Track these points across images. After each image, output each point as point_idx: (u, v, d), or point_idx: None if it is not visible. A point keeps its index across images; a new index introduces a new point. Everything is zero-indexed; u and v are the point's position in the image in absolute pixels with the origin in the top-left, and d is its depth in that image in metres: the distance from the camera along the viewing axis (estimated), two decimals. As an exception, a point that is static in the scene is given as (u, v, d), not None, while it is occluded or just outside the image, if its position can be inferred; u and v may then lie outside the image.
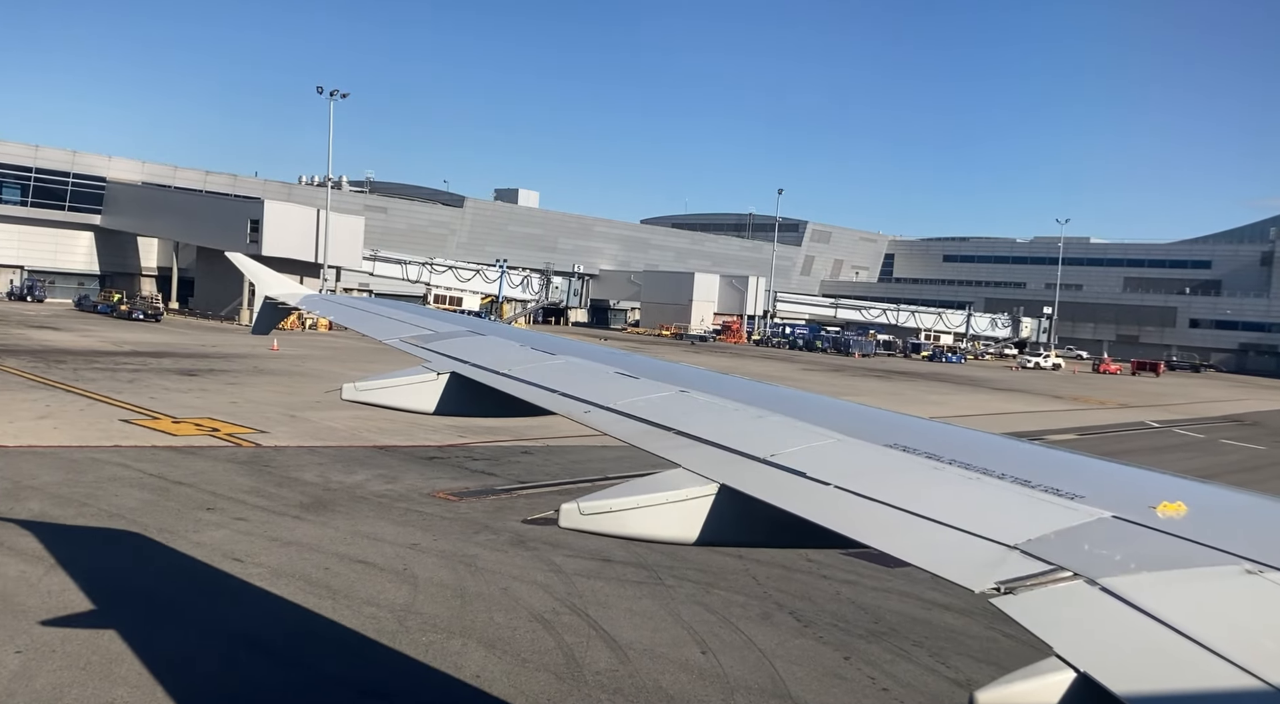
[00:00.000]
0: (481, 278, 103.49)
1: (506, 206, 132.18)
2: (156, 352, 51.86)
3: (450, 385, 6.08)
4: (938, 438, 4.34)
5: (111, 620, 12.62)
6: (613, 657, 12.50)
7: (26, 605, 12.97)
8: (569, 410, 5.26)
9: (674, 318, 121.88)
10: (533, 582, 15.39)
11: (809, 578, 16.64)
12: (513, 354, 6.63)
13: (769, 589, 15.82)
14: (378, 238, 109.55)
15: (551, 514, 3.85)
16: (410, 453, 26.68)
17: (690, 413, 4.92)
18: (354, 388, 6.01)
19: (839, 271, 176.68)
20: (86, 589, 13.77)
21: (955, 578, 2.91)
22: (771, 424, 4.65)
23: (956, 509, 3.35)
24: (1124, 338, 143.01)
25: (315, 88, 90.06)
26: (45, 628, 12.24)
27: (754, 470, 4.00)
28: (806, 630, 14.03)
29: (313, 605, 13.73)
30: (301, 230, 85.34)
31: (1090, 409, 57.73)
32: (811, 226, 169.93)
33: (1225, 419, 56.34)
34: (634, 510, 3.81)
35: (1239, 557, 2.73)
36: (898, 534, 3.31)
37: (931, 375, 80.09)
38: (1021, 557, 2.93)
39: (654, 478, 3.99)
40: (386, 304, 10.12)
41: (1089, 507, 3.23)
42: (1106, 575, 2.73)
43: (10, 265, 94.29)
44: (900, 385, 65.64)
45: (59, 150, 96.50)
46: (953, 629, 14.44)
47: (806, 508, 3.57)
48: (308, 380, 42.95)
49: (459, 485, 22.77)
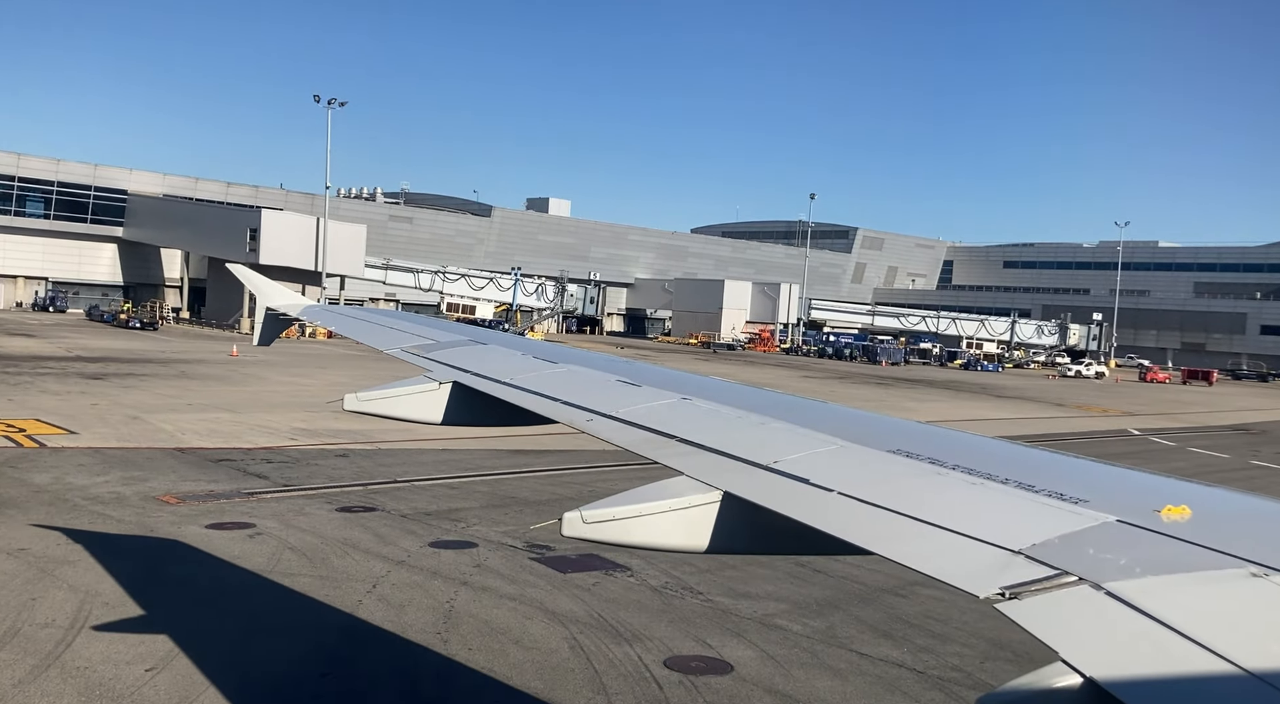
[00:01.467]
0: (495, 286, 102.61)
1: (535, 215, 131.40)
2: (103, 357, 52.13)
3: (452, 395, 6.10)
4: (940, 443, 4.33)
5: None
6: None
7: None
8: (571, 419, 5.28)
9: (705, 326, 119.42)
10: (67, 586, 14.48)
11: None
12: (514, 363, 6.66)
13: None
14: (402, 248, 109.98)
15: (555, 523, 3.83)
16: (207, 455, 26.09)
17: (692, 420, 4.92)
18: (356, 398, 6.08)
19: (894, 279, 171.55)
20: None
21: (960, 584, 2.90)
22: (774, 431, 4.65)
23: (960, 514, 3.34)
24: (1189, 346, 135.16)
25: (313, 96, 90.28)
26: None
27: (757, 477, 3.99)
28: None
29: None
30: (300, 239, 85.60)
31: (1081, 417, 54.48)
32: (863, 233, 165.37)
33: (1231, 429, 53.45)
34: (637, 518, 3.81)
35: (1244, 560, 2.73)
36: (901, 540, 3.30)
37: (945, 382, 77.07)
38: (1026, 561, 2.93)
39: (657, 486, 3.97)
40: (388, 314, 10.38)
41: (1093, 511, 3.23)
42: (1111, 580, 2.72)
43: (35, 277, 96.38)
44: (890, 392, 63.07)
45: (80, 164, 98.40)
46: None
47: (810, 515, 3.58)
48: (223, 385, 43.36)
49: (204, 489, 21.96)
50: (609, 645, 13.05)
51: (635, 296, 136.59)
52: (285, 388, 42.99)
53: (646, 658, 12.62)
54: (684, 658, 12.71)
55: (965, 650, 13.68)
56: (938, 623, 14.80)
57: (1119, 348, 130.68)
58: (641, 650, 12.92)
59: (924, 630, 14.47)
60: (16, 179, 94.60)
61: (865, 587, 16.53)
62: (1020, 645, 12.90)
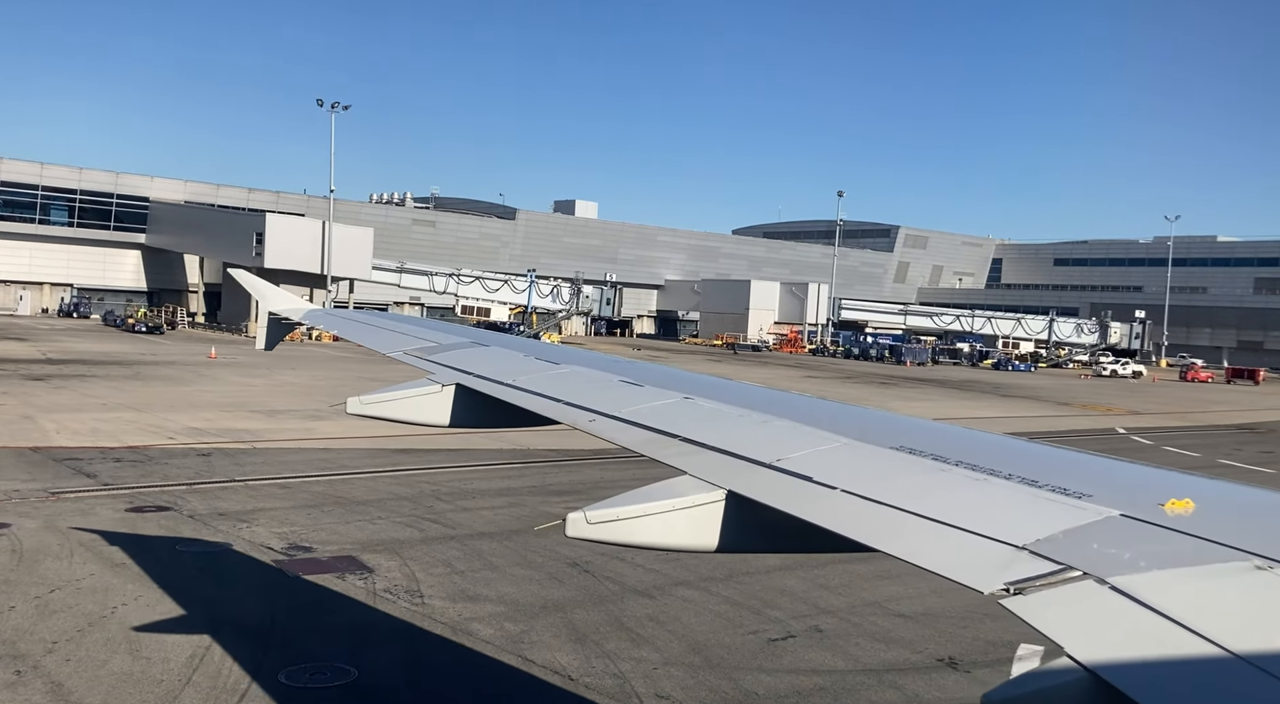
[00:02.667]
0: (510, 288, 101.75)
1: (561, 218, 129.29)
2: (72, 360, 52.44)
3: (455, 397, 6.10)
4: (943, 440, 4.32)
5: None
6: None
7: None
8: (574, 419, 5.27)
9: (732, 327, 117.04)
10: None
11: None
12: (516, 364, 6.65)
13: None
14: (426, 252, 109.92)
15: (559, 524, 3.81)
16: (57, 454, 26.07)
17: (695, 419, 4.92)
18: (359, 401, 6.05)
19: (939, 278, 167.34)
20: None
21: (964, 580, 2.88)
22: (777, 429, 4.64)
23: (964, 511, 3.33)
24: (1246, 344, 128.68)
25: (316, 100, 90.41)
26: None
27: (760, 476, 3.99)
28: None
29: None
30: (306, 243, 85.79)
31: (1072, 416, 52.26)
32: (905, 231, 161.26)
33: (1235, 428, 51.38)
34: (641, 518, 3.80)
35: (1249, 553, 2.72)
36: (905, 537, 3.29)
37: (958, 382, 74.83)
38: (1030, 557, 2.92)
39: (661, 485, 3.97)
40: (389, 317, 10.48)
41: (1097, 505, 3.21)
42: (1116, 574, 2.71)
43: (61, 283, 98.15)
44: (883, 391, 61.30)
45: (102, 172, 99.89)
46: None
47: (813, 512, 3.57)
48: (165, 385, 43.11)
49: (12, 488, 21.04)
50: (240, 651, 11.85)
51: (666, 298, 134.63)
52: (229, 389, 42.52)
53: (268, 667, 11.40)
54: (314, 667, 11.77)
55: (655, 656, 12.48)
56: (655, 625, 13.90)
57: (1171, 346, 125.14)
58: (269, 658, 11.73)
59: (631, 634, 13.70)
60: (40, 188, 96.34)
61: (619, 588, 15.29)
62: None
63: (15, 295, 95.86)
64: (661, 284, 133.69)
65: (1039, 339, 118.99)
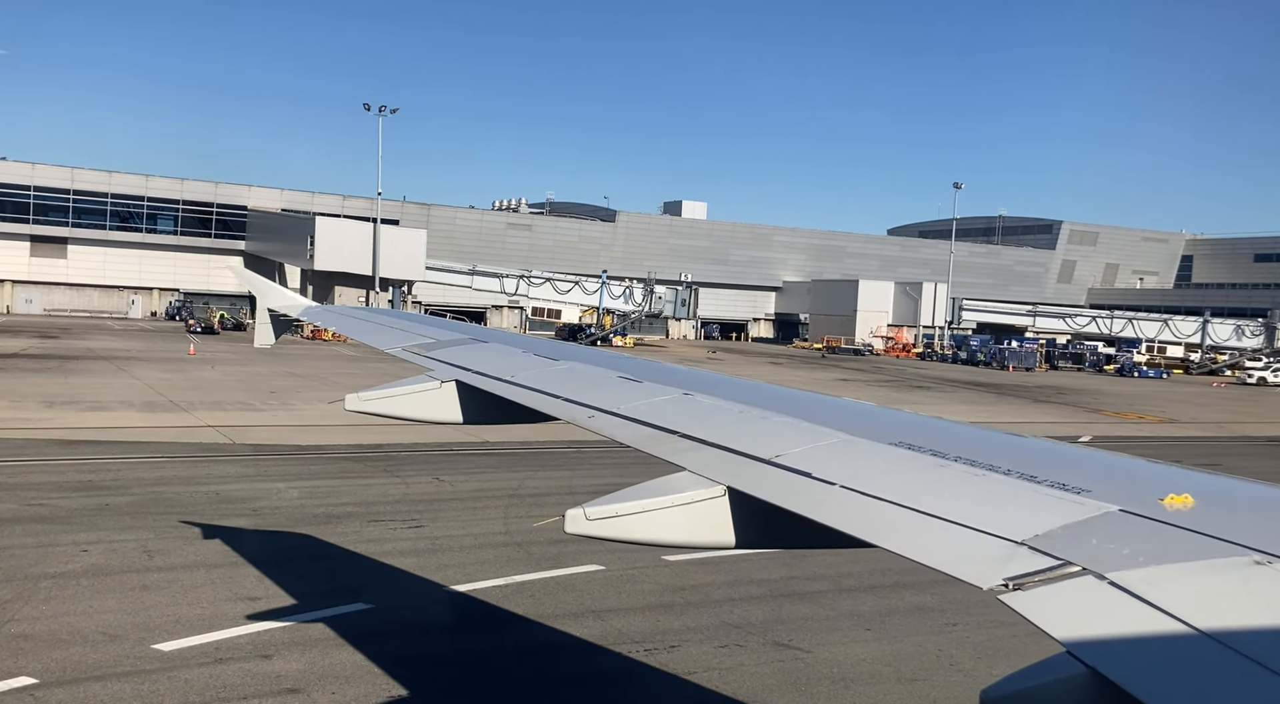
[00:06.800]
0: (580, 289, 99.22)
1: (665, 219, 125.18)
2: (51, 355, 54.10)
3: (454, 393, 6.12)
4: (943, 436, 4.29)
5: None
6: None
7: None
8: (572, 415, 5.28)
9: (840, 330, 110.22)
10: None
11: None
12: (516, 360, 6.68)
13: None
14: (522, 256, 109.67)
15: (558, 520, 3.78)
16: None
17: (694, 416, 4.90)
18: (358, 398, 6.08)
19: (1114, 277, 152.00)
20: None
21: (963, 575, 2.88)
22: (776, 425, 4.62)
23: (963, 506, 3.30)
24: None
25: (363, 105, 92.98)
26: None
27: (759, 472, 3.97)
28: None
29: None
30: (357, 245, 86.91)
31: (1084, 423, 49.07)
32: (1069, 226, 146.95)
33: (1264, 440, 45.98)
34: (640, 515, 3.78)
35: (1248, 548, 2.70)
36: (904, 533, 3.27)
37: (1011, 387, 66.80)
38: (1029, 552, 2.90)
39: (660, 481, 3.95)
40: (389, 314, 10.57)
41: (1096, 500, 3.17)
42: (1115, 569, 2.69)
43: (168, 288, 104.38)
44: (902, 393, 58.40)
45: (202, 183, 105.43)
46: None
47: (812, 508, 3.55)
48: (96, 378, 43.43)
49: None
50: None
51: (785, 301, 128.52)
52: (169, 382, 42.55)
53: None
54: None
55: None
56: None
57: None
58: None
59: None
60: (146, 199, 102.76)
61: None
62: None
63: (128, 300, 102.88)
64: (779, 286, 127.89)
65: (1190, 342, 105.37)
